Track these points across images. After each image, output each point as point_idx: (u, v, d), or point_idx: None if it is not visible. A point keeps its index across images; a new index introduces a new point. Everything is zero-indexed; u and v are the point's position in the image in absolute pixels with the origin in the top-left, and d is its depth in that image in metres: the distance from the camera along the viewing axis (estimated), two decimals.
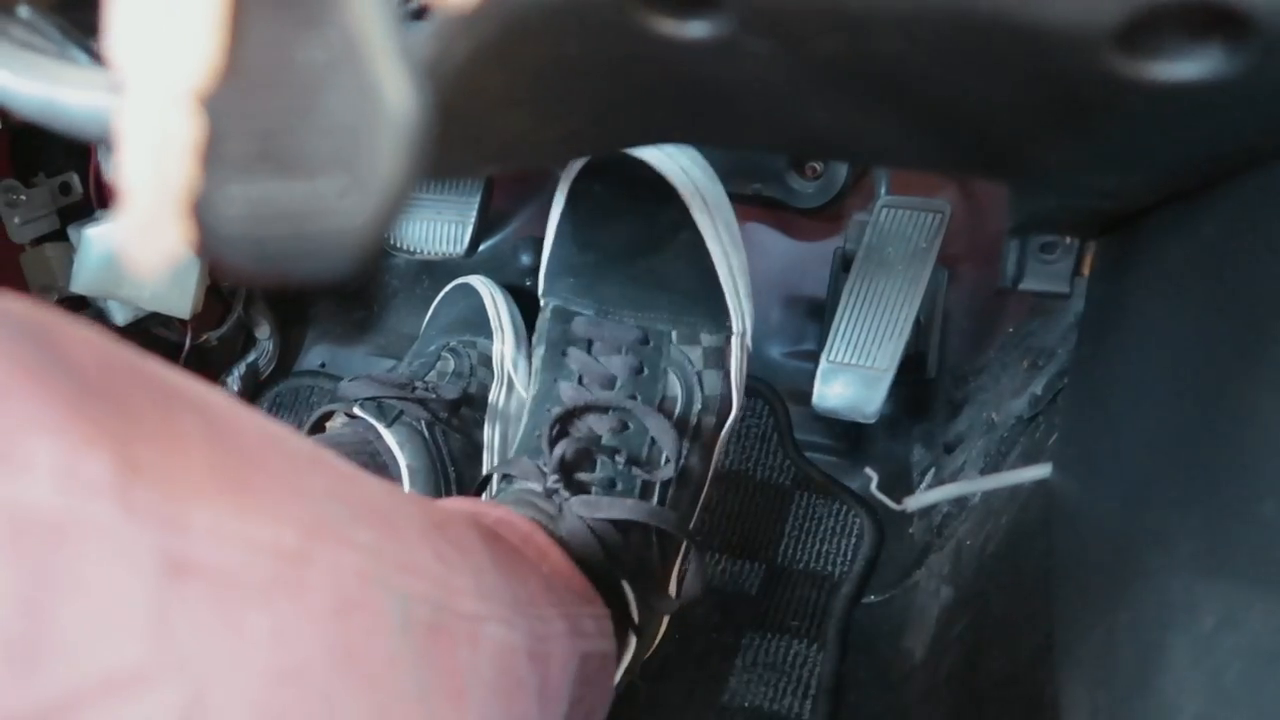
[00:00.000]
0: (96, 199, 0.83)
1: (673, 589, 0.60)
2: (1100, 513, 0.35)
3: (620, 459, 0.55)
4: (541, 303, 0.65)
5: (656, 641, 0.63)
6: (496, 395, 0.77)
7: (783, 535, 0.80)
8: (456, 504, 0.55)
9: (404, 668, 0.27)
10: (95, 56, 0.36)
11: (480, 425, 0.75)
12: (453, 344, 0.78)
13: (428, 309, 0.86)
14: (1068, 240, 0.51)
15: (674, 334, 0.59)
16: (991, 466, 0.67)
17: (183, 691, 0.20)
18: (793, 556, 0.79)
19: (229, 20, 0.14)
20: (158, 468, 0.20)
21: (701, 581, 0.57)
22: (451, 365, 0.76)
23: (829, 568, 0.77)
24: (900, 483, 0.78)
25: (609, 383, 0.58)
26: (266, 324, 0.96)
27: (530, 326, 0.80)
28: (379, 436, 0.67)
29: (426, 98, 0.15)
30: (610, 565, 0.52)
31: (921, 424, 0.81)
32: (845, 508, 0.80)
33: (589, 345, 0.60)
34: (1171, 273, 0.32)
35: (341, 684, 0.24)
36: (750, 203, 0.83)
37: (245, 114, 0.14)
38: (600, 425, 0.56)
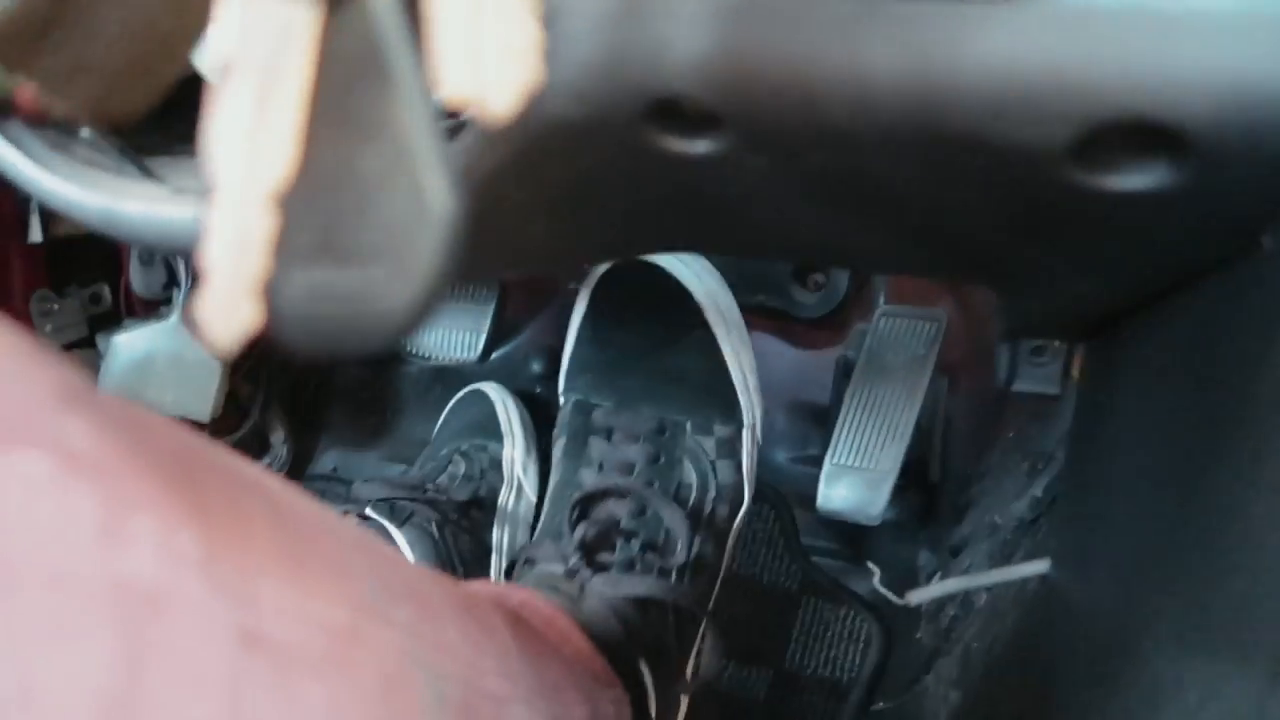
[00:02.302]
0: (125, 308, 0.87)
1: (688, 674, 0.60)
2: (1095, 603, 0.36)
3: (637, 543, 0.58)
4: (562, 399, 0.68)
5: None
6: (506, 498, 0.78)
7: (790, 640, 0.79)
8: (482, 587, 0.56)
9: None
10: (148, 172, 0.39)
11: (489, 527, 0.76)
12: (464, 448, 0.80)
13: (439, 416, 0.88)
14: (1056, 344, 0.53)
15: (689, 424, 0.63)
16: (996, 568, 0.67)
17: None
18: (800, 662, 0.78)
19: (303, 135, 0.16)
20: (232, 544, 0.21)
21: (719, 660, 0.59)
22: (462, 468, 0.78)
23: (837, 674, 0.77)
24: (907, 587, 0.78)
25: (628, 469, 0.61)
26: (281, 429, 0.98)
27: (540, 432, 0.82)
28: (390, 537, 0.68)
29: (464, 203, 0.17)
30: (629, 645, 0.53)
31: (927, 528, 0.82)
32: (853, 613, 0.79)
33: (609, 434, 0.63)
34: (1149, 373, 0.34)
35: None
36: (755, 313, 0.85)
37: (311, 212, 0.17)
38: (619, 509, 0.59)
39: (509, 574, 0.62)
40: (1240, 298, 0.25)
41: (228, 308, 0.15)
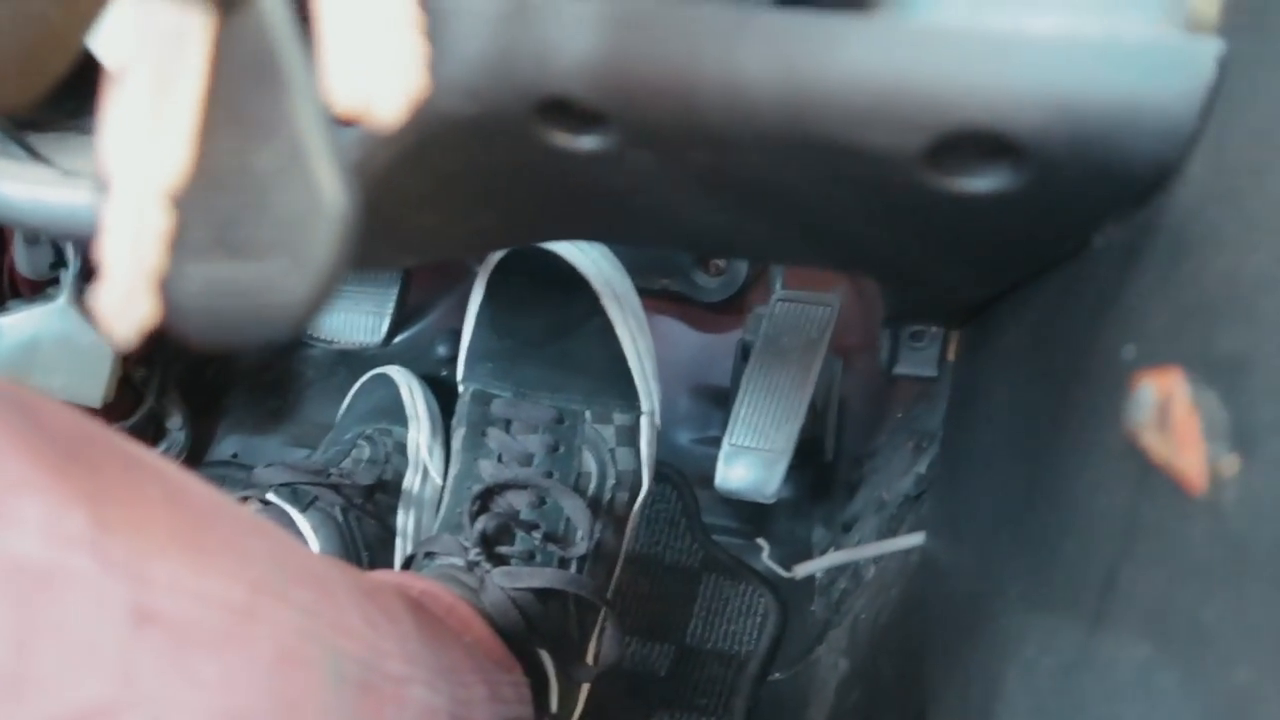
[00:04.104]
0: (9, 290, 0.84)
1: (590, 660, 0.62)
2: (960, 569, 0.39)
3: (538, 534, 0.58)
4: (460, 388, 0.68)
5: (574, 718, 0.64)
6: (411, 482, 0.78)
7: (691, 616, 0.82)
8: (383, 575, 0.56)
9: None
10: (33, 152, 0.39)
11: (394, 511, 0.76)
12: (368, 432, 0.80)
13: (343, 399, 0.88)
14: (933, 330, 0.57)
15: (588, 414, 0.63)
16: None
17: None
18: (701, 637, 0.81)
19: (199, 133, 0.17)
20: (125, 526, 0.22)
21: (619, 648, 0.60)
22: (367, 452, 0.78)
23: (736, 647, 0.80)
24: (802, 562, 0.82)
25: (527, 460, 0.61)
26: (178, 414, 0.96)
27: (446, 416, 0.83)
28: (292, 522, 0.67)
29: (357, 197, 0.18)
30: (529, 634, 0.54)
31: (821, 505, 0.85)
32: (751, 588, 0.82)
33: (507, 425, 0.63)
34: (1007, 356, 0.37)
35: None
36: (658, 297, 0.87)
37: (207, 208, 0.17)
38: (519, 501, 0.60)
39: (407, 565, 0.63)
40: (1076, 289, 0.28)
41: (125, 301, 0.16)
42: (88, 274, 0.79)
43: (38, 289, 0.83)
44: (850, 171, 0.26)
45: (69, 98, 0.41)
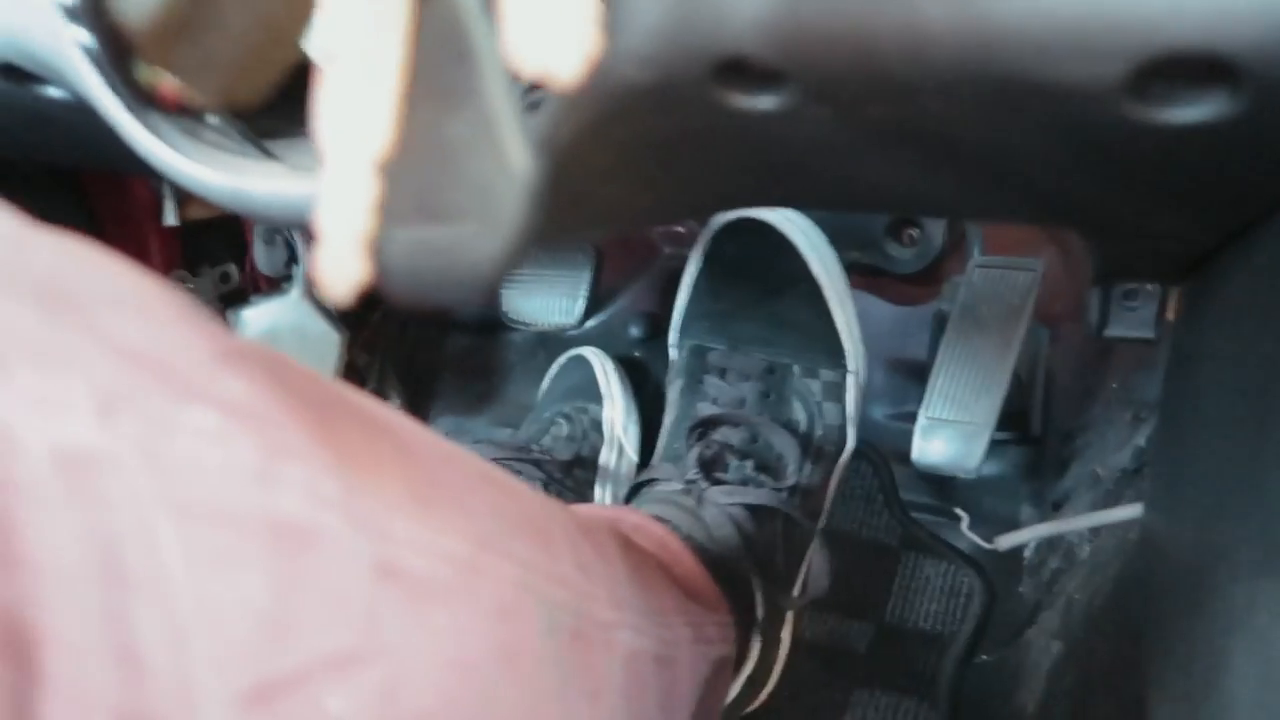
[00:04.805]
0: (251, 285, 0.93)
1: (797, 590, 0.63)
2: (1183, 541, 0.36)
3: (750, 464, 0.61)
4: (675, 350, 0.72)
5: (770, 685, 0.65)
6: (608, 458, 0.81)
7: (890, 595, 0.80)
8: (598, 511, 0.59)
9: (549, 668, 0.31)
10: (267, 153, 0.43)
11: (592, 485, 0.79)
12: (566, 410, 0.83)
13: (543, 381, 0.92)
14: (1149, 287, 0.52)
15: (797, 368, 0.67)
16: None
17: (384, 673, 0.24)
18: (901, 616, 0.79)
19: (399, 109, 0.18)
20: (369, 485, 0.24)
21: (827, 577, 0.62)
22: (565, 430, 0.81)
23: (939, 627, 0.77)
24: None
25: (740, 404, 0.65)
26: (397, 398, 1.03)
27: (638, 395, 0.85)
28: None
29: (541, 163, 0.19)
30: (742, 553, 0.56)
31: (1028, 482, 0.81)
32: (953, 567, 0.80)
33: (723, 373, 0.67)
34: (1237, 308, 0.34)
35: (501, 678, 0.28)
36: (850, 270, 0.85)
37: (408, 177, 0.19)
38: (733, 436, 0.63)
39: (630, 497, 0.66)
40: None
41: (341, 264, 0.18)
42: None
43: (275, 285, 0.92)
44: (1044, 111, 0.25)
45: (293, 105, 0.45)
